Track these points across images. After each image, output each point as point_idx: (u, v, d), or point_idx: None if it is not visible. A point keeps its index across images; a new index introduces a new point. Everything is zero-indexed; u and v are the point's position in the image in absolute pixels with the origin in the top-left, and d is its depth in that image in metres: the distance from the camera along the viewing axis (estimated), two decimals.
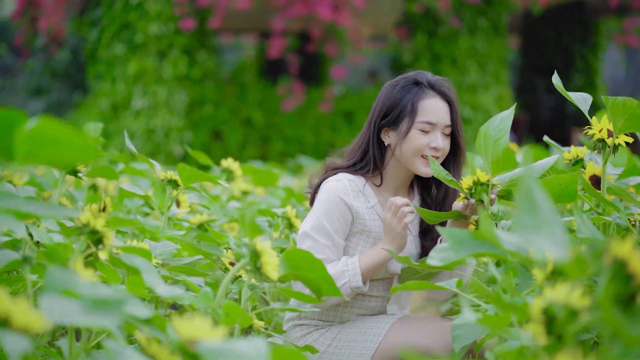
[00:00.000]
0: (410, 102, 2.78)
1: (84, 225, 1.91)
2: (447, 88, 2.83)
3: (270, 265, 1.96)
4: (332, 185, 2.79)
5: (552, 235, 1.29)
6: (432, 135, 2.77)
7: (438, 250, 1.92)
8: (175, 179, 2.85)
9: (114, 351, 1.39)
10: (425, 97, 2.79)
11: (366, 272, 2.72)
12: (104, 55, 12.70)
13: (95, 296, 1.44)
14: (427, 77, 2.83)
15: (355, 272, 2.69)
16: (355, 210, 2.76)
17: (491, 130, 2.46)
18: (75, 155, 1.43)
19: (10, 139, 1.46)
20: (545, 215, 1.31)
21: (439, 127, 2.78)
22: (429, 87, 2.81)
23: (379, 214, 2.82)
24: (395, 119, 2.80)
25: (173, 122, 12.13)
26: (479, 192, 2.47)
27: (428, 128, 2.76)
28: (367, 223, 2.78)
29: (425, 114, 2.77)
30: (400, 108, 2.79)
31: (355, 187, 2.80)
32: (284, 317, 3.34)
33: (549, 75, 16.73)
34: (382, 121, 2.83)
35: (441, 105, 2.80)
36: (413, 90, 2.80)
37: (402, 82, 2.84)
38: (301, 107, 12.73)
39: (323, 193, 2.79)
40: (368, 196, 2.82)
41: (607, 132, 2.40)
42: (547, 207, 1.34)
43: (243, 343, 1.40)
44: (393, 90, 2.83)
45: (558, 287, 1.42)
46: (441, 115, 2.78)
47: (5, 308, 1.33)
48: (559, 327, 1.41)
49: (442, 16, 12.61)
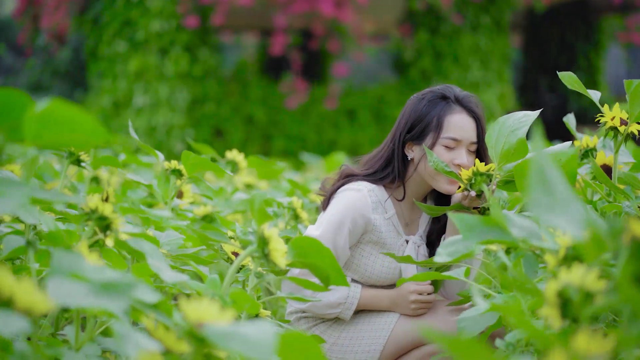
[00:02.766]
0: (436, 117, 2.73)
1: (92, 211, 1.89)
2: (474, 104, 2.77)
3: (279, 252, 1.93)
4: (351, 195, 2.76)
5: (569, 213, 1.26)
6: (457, 152, 2.72)
7: (445, 245, 1.89)
8: (179, 168, 2.82)
9: (123, 335, 1.37)
10: (451, 112, 2.74)
11: (366, 303, 2.76)
12: (105, 52, 12.67)
13: (103, 280, 1.41)
14: (455, 92, 2.78)
15: (350, 306, 2.73)
16: (373, 223, 2.73)
17: (511, 120, 2.43)
18: (85, 137, 1.41)
19: (20, 120, 1.44)
20: (560, 194, 1.28)
21: (464, 144, 2.73)
22: (456, 102, 2.76)
23: (394, 225, 2.79)
24: (420, 133, 2.76)
25: (175, 119, 12.10)
26: (479, 182, 2.44)
27: (453, 144, 2.72)
28: (383, 235, 2.75)
29: (450, 130, 2.72)
30: (426, 122, 2.74)
31: (375, 197, 2.76)
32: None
33: (552, 73, 16.70)
34: (407, 135, 2.78)
35: (467, 121, 2.75)
36: (440, 105, 2.75)
37: (429, 95, 2.79)
38: (303, 104, 12.70)
39: (340, 201, 2.75)
40: (387, 207, 2.78)
41: (620, 121, 2.38)
42: (563, 185, 1.31)
43: (250, 326, 1.38)
44: (419, 104, 2.78)
45: (573, 270, 1.39)
46: (467, 132, 2.73)
47: (8, 288, 1.31)
48: (574, 310, 1.39)
49: (445, 13, 12.58)
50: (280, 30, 12.06)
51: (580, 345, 1.23)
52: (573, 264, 1.64)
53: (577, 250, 1.52)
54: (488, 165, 2.44)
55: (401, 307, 2.74)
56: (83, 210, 1.92)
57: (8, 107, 1.45)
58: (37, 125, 1.43)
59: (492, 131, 2.44)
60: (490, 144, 2.43)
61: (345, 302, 2.71)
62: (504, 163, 2.41)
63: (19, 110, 1.44)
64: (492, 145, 2.42)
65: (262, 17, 13.61)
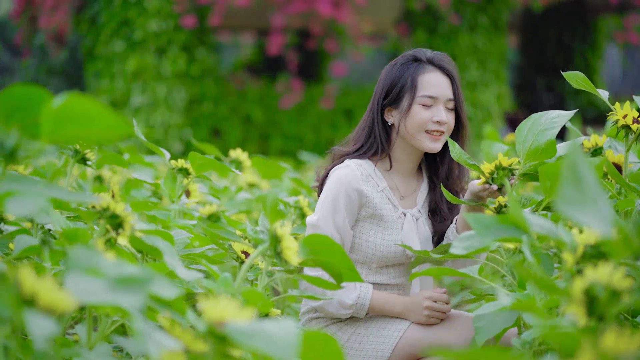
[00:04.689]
0: (410, 78, 2.76)
1: (104, 210, 1.87)
2: (446, 62, 2.81)
3: (291, 250, 1.92)
4: (339, 172, 2.76)
5: (598, 211, 1.25)
6: (435, 110, 2.75)
7: (462, 239, 1.88)
8: (186, 167, 2.81)
9: (143, 332, 1.35)
10: (424, 71, 2.77)
11: (372, 310, 2.75)
12: (102, 52, 12.62)
13: (121, 275, 1.39)
14: (426, 53, 2.82)
15: (362, 307, 2.71)
16: (366, 195, 2.73)
17: (544, 119, 2.42)
18: (105, 132, 1.39)
19: (37, 116, 1.42)
20: (590, 191, 1.26)
21: (441, 101, 2.76)
22: (427, 62, 2.79)
23: (389, 198, 2.79)
24: (396, 96, 2.78)
25: (172, 119, 12.07)
26: (501, 176, 2.43)
27: (429, 102, 2.75)
28: (377, 207, 2.75)
29: (425, 88, 2.75)
30: (401, 85, 2.77)
31: (363, 171, 2.77)
32: (295, 309, 3.30)
33: (549, 73, 16.72)
34: (384, 101, 2.81)
35: (442, 79, 2.78)
36: (412, 67, 2.79)
37: (401, 60, 2.83)
38: (301, 104, 12.67)
39: (330, 182, 2.75)
40: (377, 180, 2.79)
41: (632, 119, 2.37)
42: (593, 182, 1.29)
43: (272, 324, 1.36)
44: (392, 69, 2.82)
45: (600, 268, 1.38)
46: (442, 89, 2.77)
47: (30, 287, 1.29)
48: (600, 308, 1.37)
49: (443, 13, 12.56)
50: (278, 30, 12.04)
51: (609, 344, 1.22)
52: (592, 262, 1.63)
53: (603, 248, 1.51)
54: (511, 160, 2.43)
55: (414, 313, 2.71)
56: (95, 209, 1.91)
57: (24, 103, 1.43)
58: (54, 120, 1.41)
59: (524, 127, 2.43)
60: (519, 139, 2.42)
61: (357, 303, 2.69)
62: (529, 161, 2.39)
63: (36, 105, 1.42)
64: (521, 141, 2.41)
65: (259, 17, 13.59)
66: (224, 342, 1.39)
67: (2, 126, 1.48)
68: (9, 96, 1.44)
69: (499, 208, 2.43)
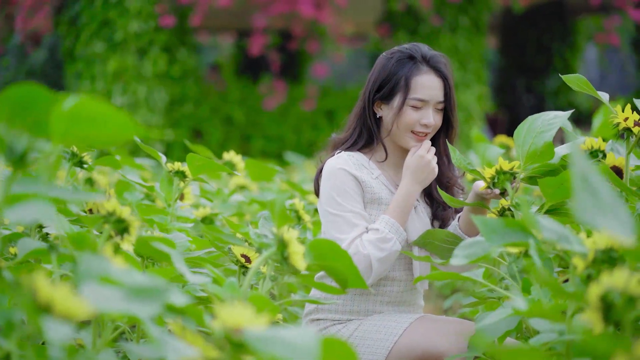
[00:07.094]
0: (404, 78, 2.76)
1: (110, 214, 1.85)
2: (442, 64, 2.81)
3: (298, 255, 1.91)
4: (331, 162, 2.78)
5: (618, 217, 1.25)
6: (424, 112, 2.76)
7: (463, 247, 1.87)
8: (183, 170, 2.79)
9: (160, 340, 1.33)
10: (419, 73, 2.77)
11: (401, 219, 2.71)
12: (82, 53, 12.56)
13: (135, 284, 1.38)
14: (423, 52, 2.80)
15: (393, 226, 2.67)
16: (361, 179, 2.74)
17: (540, 121, 2.43)
18: (116, 133, 1.38)
19: (44, 117, 1.40)
20: (606, 198, 1.26)
21: (431, 104, 2.77)
22: (423, 62, 2.78)
23: (384, 184, 2.79)
24: (388, 93, 2.79)
25: (153, 120, 12.03)
26: (502, 181, 2.43)
27: (420, 105, 2.75)
28: (375, 191, 2.76)
29: (418, 91, 2.75)
30: (394, 83, 2.77)
31: (356, 161, 2.78)
32: (293, 312, 3.29)
33: (528, 74, 16.80)
34: (376, 94, 2.81)
35: (435, 81, 2.78)
36: (407, 65, 2.78)
37: (397, 55, 2.81)
38: (282, 105, 12.67)
39: (325, 176, 2.76)
40: (371, 169, 2.80)
41: (633, 122, 2.37)
42: (606, 189, 1.29)
43: (290, 331, 1.35)
44: (388, 63, 2.81)
45: (616, 274, 1.38)
46: (434, 92, 2.77)
47: (46, 294, 1.28)
48: (617, 314, 1.37)
49: (424, 14, 12.59)
50: (259, 30, 12.03)
51: None
52: (602, 267, 1.63)
53: (613, 253, 1.51)
54: (512, 164, 2.43)
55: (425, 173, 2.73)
56: (99, 213, 1.89)
57: (32, 103, 1.41)
58: (65, 123, 1.40)
59: (521, 130, 2.44)
60: (517, 142, 2.42)
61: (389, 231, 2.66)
62: (529, 163, 2.40)
63: (44, 106, 1.40)
64: (520, 144, 2.42)
65: (239, 18, 13.58)
66: (240, 349, 1.38)
67: (6, 126, 1.46)
68: (12, 95, 1.41)
69: (502, 211, 2.43)
